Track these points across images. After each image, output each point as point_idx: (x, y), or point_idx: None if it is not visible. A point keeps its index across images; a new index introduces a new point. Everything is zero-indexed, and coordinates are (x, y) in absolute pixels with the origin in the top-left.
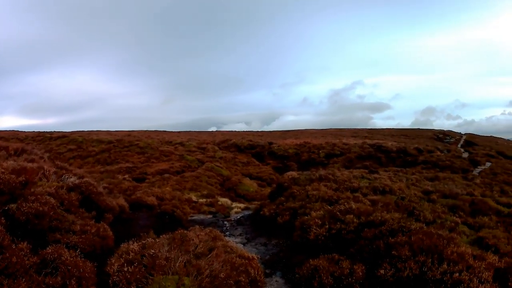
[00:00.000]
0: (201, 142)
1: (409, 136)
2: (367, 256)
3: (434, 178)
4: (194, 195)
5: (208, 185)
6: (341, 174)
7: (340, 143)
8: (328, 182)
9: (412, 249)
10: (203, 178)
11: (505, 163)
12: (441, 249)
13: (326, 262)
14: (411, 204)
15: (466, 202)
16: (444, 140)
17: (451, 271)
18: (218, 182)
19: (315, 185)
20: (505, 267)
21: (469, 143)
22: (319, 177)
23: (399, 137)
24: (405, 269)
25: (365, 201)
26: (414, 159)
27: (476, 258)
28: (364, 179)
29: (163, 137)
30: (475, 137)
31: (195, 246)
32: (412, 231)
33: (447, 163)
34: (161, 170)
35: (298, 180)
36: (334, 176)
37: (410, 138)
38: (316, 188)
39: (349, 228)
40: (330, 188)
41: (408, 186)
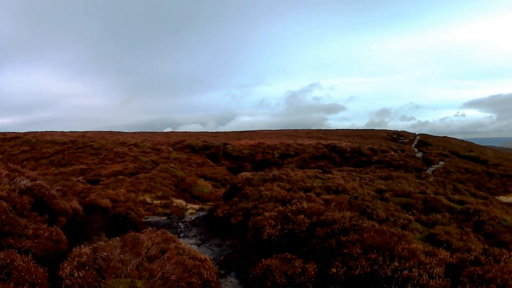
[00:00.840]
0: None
1: (363, 136)
2: (319, 254)
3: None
4: (149, 196)
5: (162, 186)
6: (295, 174)
7: (295, 144)
8: (281, 182)
9: (364, 247)
10: (158, 180)
11: (458, 162)
12: (392, 247)
13: (279, 261)
14: (364, 203)
15: (419, 200)
16: (398, 140)
17: (402, 268)
18: (173, 183)
19: (269, 185)
20: (457, 262)
21: (423, 143)
22: (273, 178)
23: (354, 137)
24: (357, 267)
25: (318, 200)
26: (368, 159)
27: (428, 254)
28: (318, 179)
29: (117, 138)
30: (429, 137)
31: (147, 249)
32: (364, 229)
33: (401, 162)
34: (115, 171)
35: (251, 180)
36: (287, 176)
37: (364, 139)
38: (269, 188)
39: (302, 227)
40: (284, 188)
41: (361, 185)
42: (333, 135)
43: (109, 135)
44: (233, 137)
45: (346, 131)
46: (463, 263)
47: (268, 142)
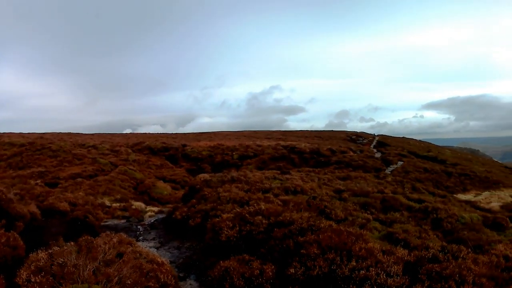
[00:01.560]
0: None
1: (322, 137)
2: (277, 255)
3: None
4: (108, 199)
5: (121, 189)
6: (253, 176)
7: (254, 145)
8: (240, 184)
9: (321, 247)
10: (117, 182)
11: (417, 162)
12: (350, 246)
13: (237, 263)
14: (322, 203)
15: (377, 199)
16: (357, 141)
17: (359, 268)
18: (132, 186)
19: (227, 186)
20: (415, 260)
21: (381, 144)
22: (231, 179)
23: (313, 138)
24: (315, 267)
25: (276, 201)
26: (327, 159)
27: (386, 253)
28: (276, 180)
29: (76, 140)
30: (388, 138)
31: (103, 253)
32: (322, 229)
33: (360, 163)
34: (74, 174)
35: (210, 182)
36: (246, 178)
37: (323, 140)
38: (227, 189)
39: (260, 228)
40: (242, 190)
41: (320, 185)
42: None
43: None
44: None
45: (305, 132)
46: (421, 261)
47: (227, 144)
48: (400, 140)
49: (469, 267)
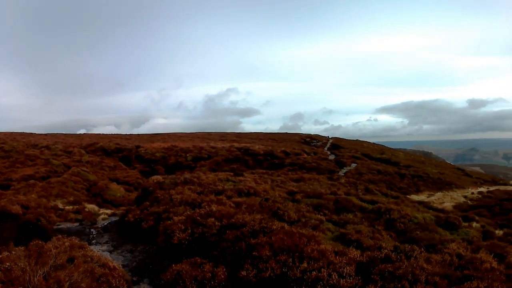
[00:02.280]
0: (68, 146)
1: (277, 139)
2: (229, 258)
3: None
4: (61, 202)
5: (74, 191)
6: (206, 177)
7: (208, 147)
8: (192, 186)
9: (273, 249)
10: (70, 184)
11: (370, 164)
12: (301, 248)
13: (189, 266)
14: (275, 205)
15: (330, 201)
16: (312, 143)
17: (311, 269)
18: (85, 188)
19: (180, 188)
20: (367, 261)
21: (335, 146)
22: (184, 181)
23: (267, 140)
24: (267, 269)
25: (229, 203)
26: (281, 161)
27: (338, 254)
28: (229, 182)
29: (29, 140)
30: (342, 141)
31: (54, 257)
32: (274, 231)
33: (314, 165)
34: (26, 175)
35: (163, 184)
36: (199, 179)
37: (278, 142)
38: (180, 191)
39: (212, 231)
40: (195, 192)
41: (273, 187)
42: (247, 138)
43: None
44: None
45: (260, 134)
46: (373, 261)
47: (181, 145)
48: (354, 143)
49: (422, 267)
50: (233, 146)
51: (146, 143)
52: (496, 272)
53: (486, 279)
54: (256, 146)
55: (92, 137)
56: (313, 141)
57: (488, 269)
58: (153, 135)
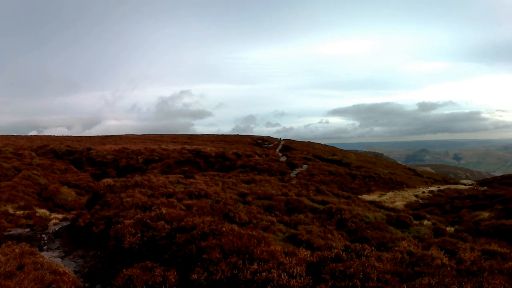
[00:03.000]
0: (18, 148)
1: (228, 141)
2: (180, 261)
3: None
4: (11, 207)
5: (25, 195)
6: (157, 180)
7: (159, 149)
8: (143, 188)
9: (223, 251)
10: (20, 188)
11: (322, 165)
12: (251, 249)
13: (140, 270)
14: (226, 207)
15: (281, 202)
16: (263, 145)
17: (261, 270)
18: (36, 192)
19: (130, 191)
20: (318, 261)
21: (287, 148)
22: (135, 184)
23: (219, 142)
24: (218, 272)
25: (179, 206)
26: (233, 163)
27: (288, 255)
28: (180, 184)
29: None
30: (293, 142)
31: (4, 265)
32: (224, 233)
33: (265, 166)
34: None
35: (113, 187)
36: (150, 182)
37: (229, 144)
38: (130, 195)
39: (162, 234)
40: (145, 195)
41: (224, 189)
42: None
43: None
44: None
45: (211, 136)
46: (324, 261)
47: (132, 147)
48: (306, 144)
49: (373, 265)
50: (185, 148)
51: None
52: (447, 268)
53: (437, 275)
54: (208, 148)
55: (43, 139)
56: (265, 143)
57: (439, 265)
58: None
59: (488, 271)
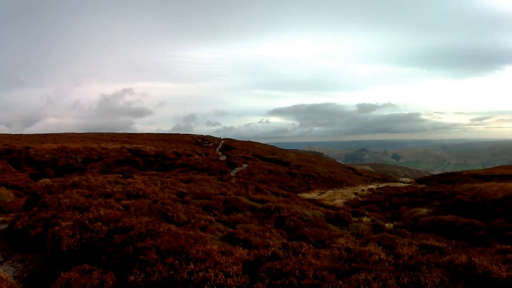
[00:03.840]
0: None
1: (168, 140)
2: (118, 263)
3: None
4: None
5: None
6: (95, 180)
7: (99, 148)
8: (81, 189)
9: (160, 252)
10: None
11: (262, 164)
12: (188, 249)
13: (78, 274)
14: (164, 207)
15: (220, 201)
16: (203, 144)
17: (198, 270)
18: None
19: (68, 192)
20: (254, 259)
21: (227, 147)
22: (73, 184)
23: (159, 141)
24: (155, 273)
25: (117, 206)
26: (172, 162)
27: (225, 254)
28: (119, 184)
29: None
30: (234, 142)
31: None
32: (161, 233)
33: (205, 165)
34: None
35: (51, 187)
36: (88, 182)
37: (169, 143)
38: (69, 195)
39: (100, 235)
40: (83, 195)
41: (162, 189)
42: (139, 139)
43: None
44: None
45: (151, 135)
46: (261, 259)
47: (72, 146)
48: (246, 144)
49: (310, 262)
50: (124, 147)
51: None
52: (385, 263)
53: (374, 271)
54: (148, 147)
55: None
56: (205, 142)
57: (376, 260)
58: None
59: (426, 265)
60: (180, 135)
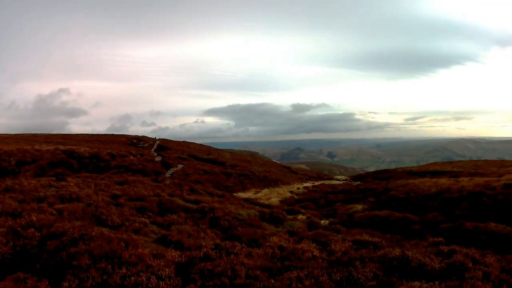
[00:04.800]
0: None
1: (103, 141)
2: (52, 269)
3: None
4: None
5: None
6: (29, 184)
7: (32, 150)
8: (14, 193)
9: (93, 257)
10: None
11: (197, 164)
12: (120, 253)
13: (12, 283)
14: (98, 210)
15: (154, 202)
16: (138, 145)
17: (130, 274)
18: None
19: (1, 197)
20: (187, 261)
21: (162, 148)
22: (6, 188)
23: (94, 142)
24: (88, 279)
25: (50, 211)
26: (107, 164)
27: (157, 257)
28: (52, 188)
29: None
30: (169, 142)
31: None
32: (94, 238)
33: (140, 167)
34: None
35: None
36: (21, 186)
37: (104, 144)
38: (1, 201)
39: (33, 242)
40: (16, 200)
41: (96, 192)
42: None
43: None
44: None
45: (86, 136)
46: (193, 261)
47: (5, 148)
48: (181, 144)
49: (242, 262)
50: (59, 148)
51: None
52: (318, 260)
53: (307, 268)
54: (82, 148)
55: None
56: (140, 143)
57: (310, 258)
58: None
59: (360, 260)
60: (115, 136)
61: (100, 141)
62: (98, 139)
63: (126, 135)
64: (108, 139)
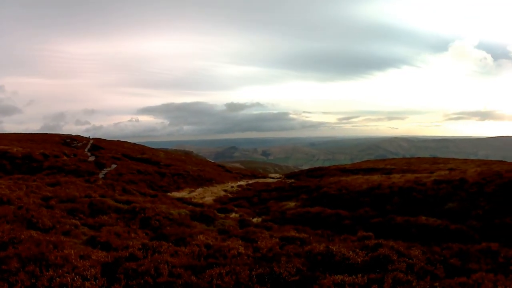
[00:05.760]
0: None
1: (36, 141)
2: None
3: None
4: None
5: None
6: None
7: None
8: None
9: (22, 260)
10: None
11: (131, 164)
12: (47, 256)
13: None
14: (29, 213)
15: (85, 204)
16: (72, 144)
17: (56, 276)
18: None
19: None
20: (113, 261)
21: (96, 147)
22: None
23: (26, 142)
24: (17, 282)
25: None
26: (40, 164)
27: (83, 258)
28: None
29: None
30: (103, 141)
31: None
32: (23, 241)
33: (73, 167)
34: None
35: None
36: None
37: (37, 143)
38: None
39: None
40: None
41: (27, 194)
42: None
43: None
44: None
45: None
46: (119, 261)
47: None
48: (115, 143)
49: (166, 260)
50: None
51: None
52: (244, 257)
53: (229, 265)
54: (15, 148)
55: None
56: (73, 142)
57: (235, 255)
58: None
59: (285, 256)
60: (49, 135)
61: (33, 140)
62: (31, 139)
63: (59, 135)
64: (42, 139)
